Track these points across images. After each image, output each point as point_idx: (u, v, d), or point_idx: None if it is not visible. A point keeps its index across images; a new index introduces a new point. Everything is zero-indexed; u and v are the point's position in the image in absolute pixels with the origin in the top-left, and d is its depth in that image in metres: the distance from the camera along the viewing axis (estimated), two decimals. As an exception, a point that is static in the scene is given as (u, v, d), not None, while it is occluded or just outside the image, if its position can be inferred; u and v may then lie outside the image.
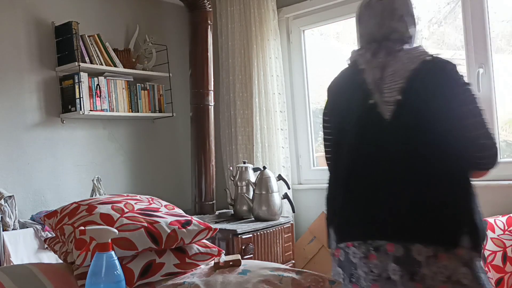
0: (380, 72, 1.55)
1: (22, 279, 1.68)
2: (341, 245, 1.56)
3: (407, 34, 1.60)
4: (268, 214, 3.06)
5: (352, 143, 1.57)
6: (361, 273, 1.48)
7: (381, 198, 1.48)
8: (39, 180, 2.96)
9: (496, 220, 2.29)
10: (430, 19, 3.27)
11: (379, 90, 1.53)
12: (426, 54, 1.53)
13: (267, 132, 3.43)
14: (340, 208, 1.58)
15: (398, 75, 1.51)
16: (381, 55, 1.57)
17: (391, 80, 1.52)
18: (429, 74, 1.49)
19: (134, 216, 1.84)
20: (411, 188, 1.45)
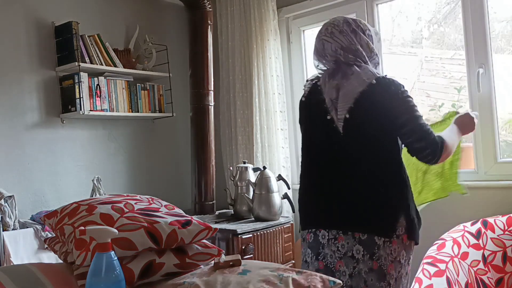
0: (336, 93, 1.89)
1: (22, 279, 1.68)
2: (312, 229, 1.93)
3: (363, 50, 1.91)
4: (268, 214, 3.06)
5: (316, 150, 1.96)
6: (328, 251, 1.87)
7: (337, 195, 1.86)
8: (39, 180, 2.96)
9: (496, 220, 2.29)
10: (430, 19, 3.27)
11: (335, 108, 1.88)
12: (373, 77, 1.84)
13: (267, 132, 3.43)
14: (308, 200, 1.97)
15: (348, 96, 1.85)
16: (338, 78, 1.90)
17: (343, 100, 1.87)
18: (373, 95, 1.82)
19: (134, 216, 1.84)
20: (358, 188, 1.82)
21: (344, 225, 1.84)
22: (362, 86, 1.84)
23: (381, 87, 1.82)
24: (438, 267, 1.90)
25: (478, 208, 2.61)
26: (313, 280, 1.74)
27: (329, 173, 1.91)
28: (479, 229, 2.22)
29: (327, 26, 1.97)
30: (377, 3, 3.20)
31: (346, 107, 1.85)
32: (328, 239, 1.88)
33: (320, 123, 1.93)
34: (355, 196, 1.83)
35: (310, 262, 1.95)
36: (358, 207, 1.82)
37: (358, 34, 1.94)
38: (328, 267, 1.88)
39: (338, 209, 1.86)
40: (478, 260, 2.10)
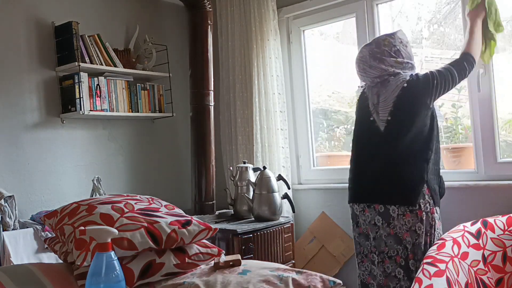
0: (377, 99, 2.46)
1: (22, 279, 1.68)
2: (350, 204, 2.55)
3: (392, 69, 2.42)
4: (268, 214, 3.06)
5: (362, 144, 2.56)
6: (361, 220, 2.48)
7: (373, 178, 2.44)
8: (39, 180, 2.96)
9: (496, 220, 2.28)
10: (430, 19, 3.27)
11: (376, 111, 2.45)
12: (405, 81, 2.38)
13: (267, 132, 3.43)
14: (352, 181, 2.58)
15: (387, 101, 2.41)
16: (378, 86, 2.47)
17: (383, 105, 2.42)
18: (408, 94, 2.36)
19: (134, 216, 1.84)
20: (391, 171, 2.38)
21: (378, 200, 2.40)
22: (397, 91, 2.37)
23: (414, 86, 2.35)
24: (438, 267, 1.90)
25: (478, 208, 2.60)
26: (313, 280, 1.75)
27: (368, 162, 2.47)
28: (479, 229, 2.22)
29: (359, 63, 2.51)
30: (377, 3, 3.19)
31: (388, 110, 2.39)
32: (360, 210, 2.49)
33: (364, 123, 2.52)
34: (384, 179, 2.39)
35: (353, 229, 2.55)
36: (391, 187, 2.37)
37: (386, 60, 2.41)
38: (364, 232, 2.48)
39: (376, 189, 2.43)
40: (478, 260, 2.10)
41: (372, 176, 2.44)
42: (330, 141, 3.76)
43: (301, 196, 3.49)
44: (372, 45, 2.47)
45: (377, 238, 2.39)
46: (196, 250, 1.93)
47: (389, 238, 2.35)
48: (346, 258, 3.25)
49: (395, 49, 2.42)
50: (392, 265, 2.34)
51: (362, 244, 2.50)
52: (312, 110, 3.58)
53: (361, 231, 2.49)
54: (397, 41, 2.44)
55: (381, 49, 2.43)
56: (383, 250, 2.37)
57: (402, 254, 2.31)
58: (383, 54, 2.42)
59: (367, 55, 2.45)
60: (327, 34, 3.85)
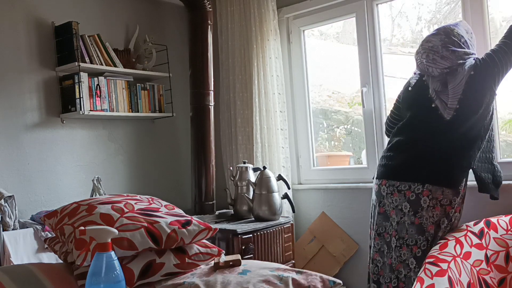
0: (441, 87, 2.38)
1: (22, 279, 1.68)
2: (377, 181, 2.47)
3: (461, 60, 2.35)
4: (268, 214, 3.06)
5: (411, 125, 2.48)
6: (387, 202, 2.40)
7: (419, 157, 2.40)
8: (39, 180, 2.96)
9: (499, 220, 2.28)
10: (430, 19, 3.27)
11: (440, 98, 2.38)
12: (471, 68, 2.33)
13: (267, 132, 3.43)
14: (389, 157, 2.48)
15: (456, 89, 2.33)
16: (443, 75, 2.38)
17: (452, 93, 2.34)
18: (474, 84, 2.31)
19: (134, 216, 1.84)
20: (443, 154, 2.34)
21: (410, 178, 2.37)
22: (465, 79, 2.32)
23: (479, 74, 2.32)
24: (440, 266, 1.90)
25: (478, 208, 2.60)
26: (313, 280, 1.74)
27: (416, 142, 2.42)
28: (482, 229, 2.22)
29: (428, 53, 2.39)
30: (377, 3, 3.19)
31: (456, 98, 2.33)
32: (388, 192, 2.42)
33: (419, 108, 2.46)
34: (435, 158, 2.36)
35: (373, 206, 2.52)
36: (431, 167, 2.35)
37: (456, 52, 2.35)
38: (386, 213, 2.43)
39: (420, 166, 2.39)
40: (480, 260, 2.10)
41: (416, 157, 2.39)
42: (330, 141, 3.76)
43: (301, 196, 3.49)
44: (441, 35, 2.39)
45: (400, 224, 2.35)
46: (196, 250, 1.92)
47: (412, 227, 2.32)
48: (346, 258, 3.25)
49: (464, 39, 2.39)
50: (408, 253, 2.32)
51: (378, 223, 2.45)
52: (312, 110, 3.58)
53: (382, 211, 2.43)
54: (463, 31, 2.42)
55: (451, 39, 2.37)
56: (403, 236, 2.34)
57: (421, 245, 2.30)
58: (454, 44, 2.36)
59: (439, 45, 2.37)
60: (327, 34, 3.85)
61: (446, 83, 2.37)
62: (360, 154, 3.50)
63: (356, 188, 3.21)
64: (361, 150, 3.48)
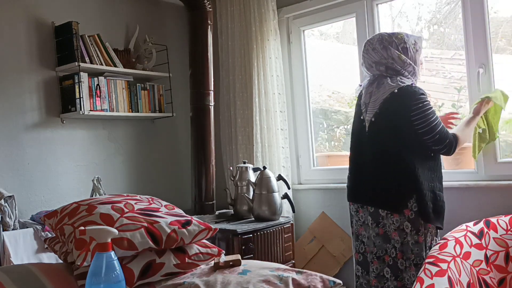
0: (369, 98, 2.42)
1: (22, 279, 1.68)
2: (349, 202, 2.55)
3: (391, 61, 2.36)
4: (268, 214, 3.06)
5: (354, 142, 2.56)
6: (354, 220, 2.51)
7: (363, 178, 2.46)
8: (39, 180, 2.96)
9: (499, 220, 2.28)
10: (430, 19, 3.27)
11: (366, 110, 2.43)
12: (397, 87, 2.31)
13: (267, 132, 3.43)
14: (348, 180, 2.57)
15: (376, 102, 2.37)
16: (374, 86, 2.42)
17: (372, 105, 2.39)
18: (394, 101, 2.31)
19: (134, 216, 1.84)
20: (377, 173, 2.36)
21: (368, 202, 2.41)
22: (386, 94, 2.33)
23: (401, 96, 2.29)
24: (440, 266, 1.90)
25: (478, 208, 2.60)
26: (313, 280, 1.74)
27: (358, 161, 2.50)
28: (482, 229, 2.22)
29: (365, 43, 2.47)
30: (377, 3, 3.19)
31: (373, 111, 2.37)
32: (354, 211, 2.50)
33: (356, 120, 2.52)
34: (373, 181, 2.38)
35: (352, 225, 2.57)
36: (378, 190, 2.36)
37: (389, 49, 2.36)
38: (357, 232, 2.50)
39: (365, 191, 2.45)
40: (480, 260, 2.09)
41: (359, 177, 2.48)
42: (330, 141, 3.76)
43: (301, 196, 3.49)
44: (384, 33, 2.46)
45: (369, 238, 2.41)
46: (196, 250, 1.92)
47: (378, 238, 2.36)
48: (346, 258, 3.25)
49: (404, 46, 2.39)
50: (381, 265, 2.36)
51: (353, 243, 2.55)
52: (312, 110, 3.58)
53: (352, 231, 2.53)
54: (410, 41, 2.42)
55: (391, 39, 2.40)
56: (372, 250, 2.39)
57: (391, 253, 2.33)
58: (390, 43, 2.38)
59: (376, 38, 2.43)
60: (327, 34, 3.85)
61: (371, 95, 2.42)
62: (360, 154, 3.50)
63: (356, 188, 3.20)
64: (361, 150, 3.47)
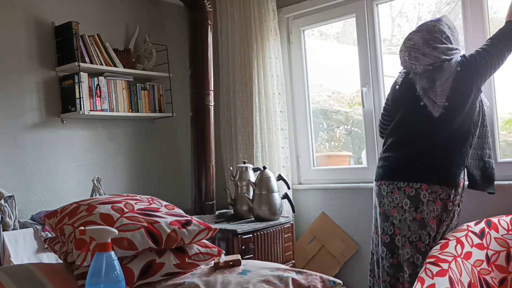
0: (428, 84, 2.39)
1: (22, 279, 1.68)
2: (377, 183, 2.49)
3: (444, 56, 2.35)
4: (268, 214, 3.06)
5: (402, 124, 2.49)
6: (386, 201, 2.42)
7: (412, 157, 2.41)
8: (39, 180, 2.96)
9: (500, 220, 2.28)
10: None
11: (428, 96, 2.38)
12: (458, 65, 2.34)
13: (267, 132, 3.43)
14: (386, 160, 2.50)
15: (444, 87, 2.34)
16: (430, 71, 2.38)
17: (440, 90, 2.35)
18: (461, 81, 2.33)
19: (134, 216, 1.84)
20: (434, 153, 2.36)
21: (409, 179, 2.37)
22: (452, 76, 2.33)
23: (466, 70, 2.33)
24: (440, 266, 1.90)
25: (478, 209, 2.60)
26: (313, 280, 1.74)
27: (410, 144, 2.42)
28: (483, 229, 2.21)
29: (410, 51, 2.41)
30: (377, 3, 3.19)
31: (445, 95, 2.34)
32: (388, 191, 2.43)
33: (408, 106, 2.46)
34: (429, 157, 2.37)
35: (374, 208, 2.55)
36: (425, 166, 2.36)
37: (438, 48, 2.36)
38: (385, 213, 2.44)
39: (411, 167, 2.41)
40: (481, 259, 2.09)
41: (411, 156, 2.40)
42: (330, 141, 3.76)
43: (301, 196, 3.49)
44: (423, 32, 2.41)
45: (402, 221, 2.36)
46: (196, 250, 1.92)
47: (414, 223, 2.32)
48: (346, 258, 3.25)
49: (445, 35, 2.39)
50: (413, 250, 2.32)
51: (379, 224, 2.46)
52: (312, 110, 3.58)
53: (381, 212, 2.45)
54: (445, 27, 2.41)
55: (433, 36, 2.38)
56: (405, 234, 2.34)
57: (424, 240, 2.30)
58: (435, 41, 2.37)
59: (420, 42, 2.39)
60: (327, 34, 3.85)
61: (434, 80, 2.38)
62: (360, 154, 3.50)
63: (356, 188, 3.21)
64: (361, 150, 3.48)
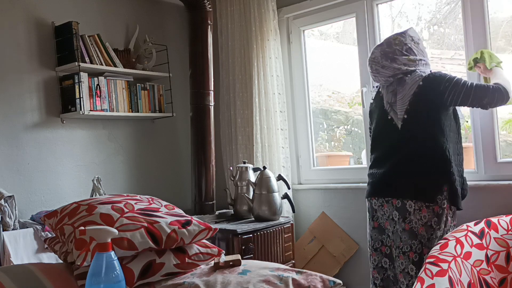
0: (393, 97, 2.45)
1: (22, 279, 1.68)
2: (368, 199, 2.55)
3: (405, 67, 2.41)
4: (268, 214, 3.06)
5: (379, 140, 2.55)
6: (379, 215, 2.48)
7: (390, 173, 2.44)
8: (39, 180, 2.96)
9: (500, 220, 2.28)
10: (430, 19, 3.27)
11: (393, 109, 2.45)
12: (421, 79, 2.36)
13: (267, 132, 3.43)
14: (372, 176, 2.55)
15: (404, 99, 2.39)
16: (394, 85, 2.45)
17: (400, 103, 2.41)
18: (423, 93, 2.34)
19: (134, 216, 1.84)
20: (409, 167, 2.37)
21: (396, 195, 2.41)
22: (413, 89, 2.36)
23: (428, 84, 2.34)
24: (440, 266, 1.90)
25: (478, 208, 2.60)
26: (313, 280, 1.74)
27: (387, 159, 2.46)
28: (483, 229, 2.21)
29: (371, 64, 2.49)
30: (377, 3, 3.19)
31: (404, 109, 2.39)
32: (378, 205, 2.48)
33: (380, 121, 2.53)
34: (406, 175, 2.38)
35: (368, 222, 2.57)
36: (409, 181, 2.37)
37: (398, 59, 2.41)
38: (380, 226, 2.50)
39: (393, 183, 2.44)
40: (481, 260, 2.09)
41: (390, 172, 2.43)
42: (330, 141, 3.76)
43: (301, 196, 3.49)
44: (383, 45, 2.47)
45: (394, 233, 2.40)
46: (196, 250, 1.92)
47: (404, 234, 2.35)
48: (346, 258, 3.25)
49: (407, 47, 2.43)
50: (406, 261, 2.34)
51: (373, 238, 2.52)
52: (312, 110, 3.58)
53: (376, 225, 2.50)
54: (408, 39, 2.44)
55: (392, 48, 2.43)
56: (399, 245, 2.37)
57: (416, 249, 2.32)
58: (394, 53, 2.42)
59: (379, 56, 2.46)
60: (327, 34, 3.85)
61: (396, 93, 2.43)
62: (360, 154, 3.50)
63: (356, 188, 3.21)
64: (361, 150, 3.48)
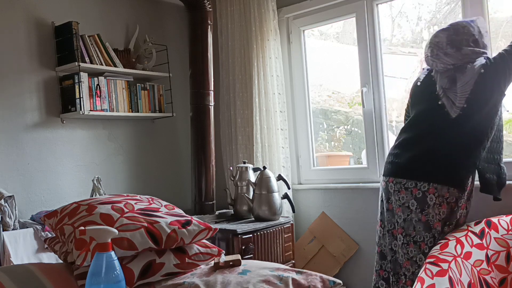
0: (449, 84, 2.34)
1: (22, 279, 1.68)
2: (384, 178, 2.46)
3: (467, 58, 2.32)
4: (268, 214, 3.06)
5: (416, 123, 2.47)
6: (394, 199, 2.39)
7: (421, 156, 2.37)
8: (39, 180, 2.96)
9: (500, 220, 2.28)
10: (430, 19, 3.27)
11: (447, 96, 2.34)
12: (481, 67, 2.28)
13: (267, 132, 3.43)
14: (397, 155, 2.46)
15: (465, 88, 2.29)
16: (452, 71, 2.35)
17: (461, 91, 2.30)
18: (483, 84, 2.27)
19: (134, 216, 1.84)
20: (445, 155, 2.32)
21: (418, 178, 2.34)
22: (474, 78, 2.27)
23: (489, 73, 2.27)
24: (440, 266, 1.90)
25: (478, 208, 2.60)
26: (313, 280, 1.75)
27: (419, 140, 2.40)
28: (483, 229, 2.21)
29: (433, 48, 2.39)
30: (377, 3, 3.19)
31: (464, 97, 2.29)
32: (396, 190, 2.40)
33: (427, 104, 2.43)
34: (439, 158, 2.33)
35: (380, 202, 2.52)
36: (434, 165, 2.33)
37: (463, 49, 2.32)
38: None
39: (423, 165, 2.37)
40: (481, 260, 2.09)
41: (423, 156, 2.36)
42: (330, 141, 3.76)
43: (301, 196, 3.49)
44: (450, 31, 2.37)
45: (407, 221, 2.34)
46: (196, 250, 1.92)
47: (419, 224, 2.31)
48: (346, 258, 3.25)
49: (474, 38, 2.34)
50: (416, 250, 2.32)
51: (387, 219, 2.45)
52: (312, 110, 3.58)
53: (390, 208, 2.43)
54: (476, 30, 2.36)
55: (460, 37, 2.34)
56: (410, 233, 2.33)
57: (428, 242, 2.29)
58: (461, 42, 2.33)
59: (444, 42, 2.36)
60: (327, 34, 3.85)
61: (455, 80, 2.33)
62: (360, 154, 3.50)
63: (356, 188, 3.21)
64: (361, 150, 3.48)
